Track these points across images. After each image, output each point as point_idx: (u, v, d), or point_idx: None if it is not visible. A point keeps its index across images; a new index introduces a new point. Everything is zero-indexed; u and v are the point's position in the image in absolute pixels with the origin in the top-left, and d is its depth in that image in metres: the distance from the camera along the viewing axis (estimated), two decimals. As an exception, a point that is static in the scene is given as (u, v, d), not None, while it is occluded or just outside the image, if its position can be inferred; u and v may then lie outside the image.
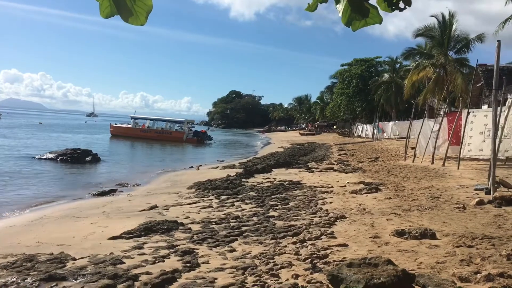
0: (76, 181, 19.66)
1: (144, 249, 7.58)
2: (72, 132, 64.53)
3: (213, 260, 6.79)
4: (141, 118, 59.70)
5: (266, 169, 20.46)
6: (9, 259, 7.32)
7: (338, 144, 44.86)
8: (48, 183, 18.45)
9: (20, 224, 10.97)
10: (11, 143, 37.75)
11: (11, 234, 9.73)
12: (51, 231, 9.76)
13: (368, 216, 9.48)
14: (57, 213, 12.28)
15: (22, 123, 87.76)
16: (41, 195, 15.46)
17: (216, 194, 13.80)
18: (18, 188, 16.61)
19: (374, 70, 68.29)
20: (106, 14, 2.51)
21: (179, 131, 56.37)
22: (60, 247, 8.07)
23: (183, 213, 10.86)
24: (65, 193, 16.02)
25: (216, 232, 8.62)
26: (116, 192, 16.15)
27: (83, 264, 6.80)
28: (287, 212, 10.50)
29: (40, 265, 6.79)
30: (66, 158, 25.76)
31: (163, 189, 16.34)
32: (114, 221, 10.44)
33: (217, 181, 16.70)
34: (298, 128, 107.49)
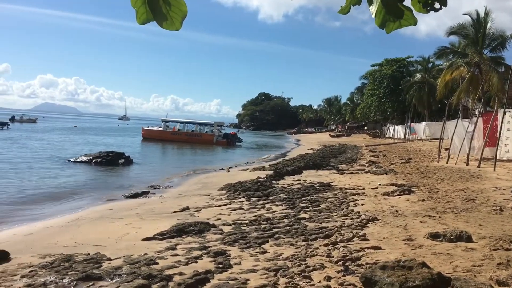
0: (109, 183, 20.08)
1: (177, 250, 7.69)
2: (105, 135, 65.96)
3: (245, 262, 6.83)
4: (172, 121, 60.46)
5: (296, 171, 20.42)
6: (48, 259, 7.55)
7: (369, 145, 44.33)
8: (83, 185, 18.92)
9: (57, 225, 11.28)
10: (47, 146, 38.88)
11: (48, 235, 10.02)
12: (87, 232, 10.01)
13: (401, 218, 9.35)
14: (92, 214, 12.58)
15: (57, 127, 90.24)
16: (76, 197, 15.86)
17: (247, 196, 13.87)
18: (53, 190, 17.09)
19: (406, 70, 67.16)
20: (142, 21, 2.57)
21: (209, 133, 56.87)
22: (96, 248, 8.27)
23: (214, 215, 10.96)
24: (99, 195, 16.38)
25: (248, 234, 8.67)
26: (148, 194, 16.42)
27: (119, 264, 6.95)
28: (318, 214, 10.46)
29: (78, 265, 6.97)
30: (100, 160, 26.35)
31: (194, 191, 16.52)
32: (147, 223, 10.63)
33: (248, 183, 16.76)
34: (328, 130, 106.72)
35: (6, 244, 8.76)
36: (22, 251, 8.38)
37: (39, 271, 6.83)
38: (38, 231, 10.60)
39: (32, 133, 58.67)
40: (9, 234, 10.40)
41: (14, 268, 7.15)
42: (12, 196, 15.43)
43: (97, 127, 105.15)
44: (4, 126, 65.90)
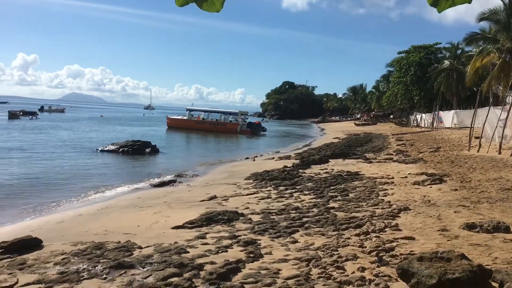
0: (137, 172, 20.28)
1: (207, 239, 7.67)
2: (130, 125, 66.73)
3: (275, 251, 6.76)
4: (196, 110, 60.69)
5: (323, 159, 20.23)
6: (80, 247, 7.63)
7: (396, 134, 43.65)
8: (111, 174, 19.16)
9: (87, 213, 11.42)
10: (75, 135, 39.56)
11: (79, 223, 10.15)
12: (116, 220, 10.10)
13: (433, 208, 9.12)
14: (121, 202, 12.71)
15: (84, 116, 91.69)
16: (105, 185, 16.05)
17: (274, 185, 13.79)
18: (83, 179, 17.34)
19: (434, 57, 65.57)
20: (181, 3, 2.47)
21: (233, 122, 56.92)
22: (126, 236, 8.33)
23: (242, 204, 10.92)
24: (128, 183, 16.54)
25: (277, 223, 8.59)
26: (175, 183, 16.51)
27: (149, 252, 6.97)
28: (347, 204, 10.31)
29: (109, 253, 7.02)
30: (127, 149, 26.64)
31: (221, 180, 16.53)
32: (175, 211, 10.67)
33: (274, 172, 16.68)
34: (353, 118, 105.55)
35: (38, 231, 8.91)
36: (54, 238, 8.49)
37: (71, 259, 6.90)
38: (69, 219, 10.74)
39: (60, 122, 59.77)
40: (41, 221, 10.58)
41: (47, 255, 7.25)
42: (43, 185, 15.73)
43: (123, 116, 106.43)
44: (33, 116, 67.32)
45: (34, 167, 19.54)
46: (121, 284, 5.64)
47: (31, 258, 7.11)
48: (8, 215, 11.31)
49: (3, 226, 10.22)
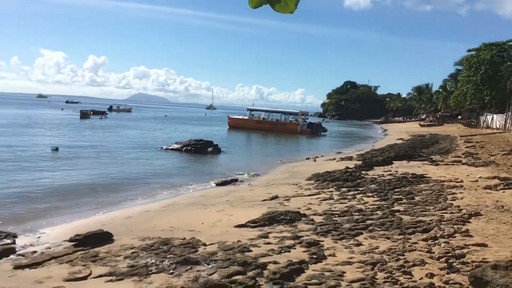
0: (200, 171, 20.74)
1: (269, 239, 7.71)
2: (193, 124, 68.34)
3: (339, 253, 6.68)
4: (257, 110, 61.10)
5: (386, 161, 19.72)
6: (147, 242, 7.92)
7: (464, 135, 41.71)
8: (176, 172, 19.72)
9: (153, 209, 11.83)
10: (141, 134, 41.08)
11: (146, 219, 10.53)
12: (181, 217, 10.38)
13: (508, 214, 8.64)
14: (185, 200, 13.05)
15: (149, 116, 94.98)
16: (169, 183, 16.53)
17: (336, 186, 13.62)
18: (148, 176, 17.97)
19: (507, 54, 62.00)
20: (255, 4, 2.50)
21: (293, 122, 56.78)
22: (191, 233, 8.54)
23: (304, 204, 10.88)
24: (191, 181, 16.94)
25: (340, 225, 8.48)
26: (237, 182, 16.72)
27: (213, 250, 7.11)
28: (413, 207, 9.99)
29: (175, 249, 7.23)
30: (190, 148, 27.32)
31: (282, 180, 16.55)
32: (238, 210, 10.80)
33: (336, 172, 16.46)
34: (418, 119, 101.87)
35: (109, 226, 9.33)
36: (124, 233, 8.87)
37: (140, 253, 7.18)
38: (137, 214, 11.17)
39: (127, 122, 62.22)
40: (110, 216, 11.08)
41: (117, 249, 7.58)
42: (112, 181, 16.44)
43: (185, 116, 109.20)
44: (103, 115, 70.53)
45: (103, 165, 20.48)
46: (188, 280, 5.80)
47: (102, 251, 7.47)
48: (81, 210, 11.91)
49: (77, 220, 10.78)
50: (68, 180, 15.95)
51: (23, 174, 16.54)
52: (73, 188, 14.64)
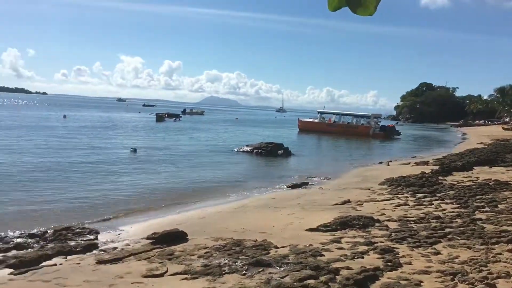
0: (270, 173, 20.84)
1: (342, 244, 7.59)
2: (263, 127, 68.86)
3: (415, 261, 6.44)
4: (328, 112, 60.42)
5: (466, 166, 18.72)
6: (220, 242, 8.09)
7: (553, 140, 38.68)
8: (246, 174, 19.97)
9: (225, 210, 12.05)
10: (213, 137, 42.04)
11: (219, 219, 10.76)
12: (253, 219, 10.49)
13: None
14: (256, 202, 13.18)
15: (221, 118, 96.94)
16: (241, 185, 16.77)
17: (411, 192, 13.14)
18: (220, 178, 18.32)
19: None
20: (334, 7, 2.47)
21: (365, 125, 55.55)
22: (263, 235, 8.60)
23: (377, 210, 10.60)
24: (262, 184, 17.08)
25: (416, 232, 8.17)
26: (308, 185, 16.63)
27: (285, 253, 7.11)
28: (497, 216, 9.41)
29: (247, 250, 7.32)
30: (260, 151, 27.56)
31: (354, 184, 16.24)
32: (309, 213, 10.74)
33: (411, 178, 15.89)
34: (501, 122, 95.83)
35: (184, 225, 9.61)
36: (197, 233, 9.11)
37: (213, 253, 7.34)
38: (210, 215, 11.43)
39: (200, 124, 63.94)
40: (185, 216, 11.42)
41: (191, 248, 7.80)
42: (185, 182, 16.94)
43: (256, 119, 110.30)
44: (177, 118, 73.02)
45: (177, 166, 21.19)
46: (260, 282, 5.84)
47: (178, 249, 7.73)
48: (158, 209, 12.37)
49: (154, 219, 11.23)
50: (146, 181, 16.64)
51: (104, 174, 17.50)
52: (150, 188, 15.26)
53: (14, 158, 19.44)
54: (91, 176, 16.77)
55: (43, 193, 13.39)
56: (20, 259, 7.24)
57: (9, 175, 15.60)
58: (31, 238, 8.77)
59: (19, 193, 13.17)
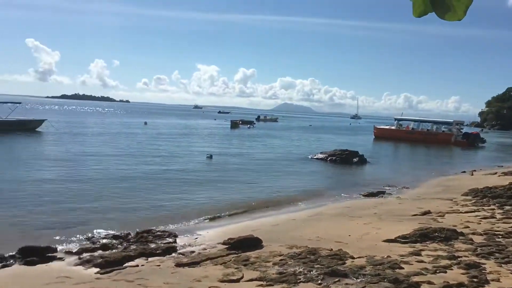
0: (345, 181, 20.49)
1: (422, 256, 7.27)
2: (337, 134, 67.91)
3: (504, 279, 6.02)
4: (405, 119, 58.38)
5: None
6: (295, 250, 8.06)
7: None
8: (320, 182, 19.80)
9: (299, 218, 12.00)
10: (286, 143, 42.10)
11: (293, 227, 10.73)
12: (327, 228, 10.35)
13: None
14: (331, 210, 13.00)
15: (294, 125, 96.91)
16: (314, 192, 16.63)
17: (498, 204, 12.33)
18: (294, 185, 18.26)
19: None
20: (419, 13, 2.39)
21: (446, 132, 53.00)
22: (338, 244, 8.46)
23: (461, 222, 10.05)
24: (336, 192, 16.83)
25: (505, 247, 7.64)
26: (384, 194, 16.15)
27: (362, 263, 6.94)
28: None
29: (322, 260, 7.23)
30: (335, 158, 27.20)
31: (434, 194, 15.55)
32: (386, 224, 10.42)
33: (498, 189, 14.90)
34: None
35: (258, 232, 9.69)
36: (272, 239, 9.15)
37: (288, 261, 7.32)
38: (284, 222, 11.44)
39: (273, 131, 64.28)
40: (259, 223, 11.52)
41: (266, 255, 7.84)
42: (258, 188, 17.08)
43: (330, 126, 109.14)
44: (251, 125, 74.04)
45: (250, 172, 21.43)
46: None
47: (253, 256, 7.80)
48: (233, 215, 12.56)
49: (229, 224, 11.43)
50: (220, 187, 16.96)
51: (181, 180, 18.09)
52: (224, 194, 15.55)
53: (100, 165, 20.64)
54: (169, 182, 17.40)
55: (125, 197, 14.10)
56: (106, 259, 7.67)
57: (96, 182, 16.52)
58: (116, 239, 9.28)
59: (104, 197, 13.96)
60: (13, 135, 32.98)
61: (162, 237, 9.37)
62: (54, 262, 7.86)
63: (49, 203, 12.44)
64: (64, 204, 12.51)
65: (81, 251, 8.40)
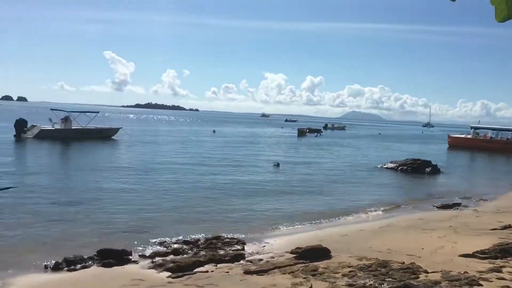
0: (417, 192, 19.73)
1: (503, 274, 6.84)
2: (408, 143, 65.63)
3: None
4: (483, 127, 55.36)
5: None
6: (365, 262, 7.86)
7: None
8: (391, 192, 19.20)
9: (368, 229, 11.70)
10: (353, 152, 41.27)
11: (362, 238, 10.48)
12: (399, 240, 10.01)
13: None
14: (402, 222, 12.55)
15: (362, 134, 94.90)
16: (384, 203, 16.12)
17: None
18: (362, 194, 17.85)
19: None
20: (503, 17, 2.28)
21: (528, 141, 49.64)
22: (410, 257, 8.16)
23: (547, 238, 9.35)
24: (407, 202, 16.25)
25: None
26: (460, 206, 15.37)
27: (436, 279, 6.64)
28: None
29: (394, 273, 6.99)
30: (406, 168, 26.27)
31: (516, 207, 14.58)
32: (462, 237, 9.91)
33: None
34: None
35: (326, 242, 9.56)
36: (340, 250, 9.00)
37: (357, 273, 7.16)
38: (352, 233, 11.21)
39: (341, 139, 63.27)
40: (327, 232, 11.35)
41: (335, 265, 7.72)
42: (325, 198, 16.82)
43: (400, 134, 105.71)
44: (318, 133, 73.45)
45: (317, 181, 21.22)
46: (409, 307, 5.53)
47: (321, 266, 7.70)
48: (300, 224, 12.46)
49: (297, 233, 11.38)
50: (288, 195, 16.90)
51: (250, 188, 18.24)
52: (291, 201, 15.51)
53: (171, 173, 21.30)
54: (236, 190, 17.59)
55: (194, 204, 14.44)
56: (177, 263, 7.90)
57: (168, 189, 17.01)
58: (186, 244, 9.53)
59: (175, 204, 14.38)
60: (91, 142, 35.03)
61: (231, 244, 9.50)
62: (129, 265, 8.21)
63: (124, 209, 13.02)
64: (138, 210, 13.04)
65: (154, 255, 8.71)
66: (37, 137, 34.38)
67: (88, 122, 40.31)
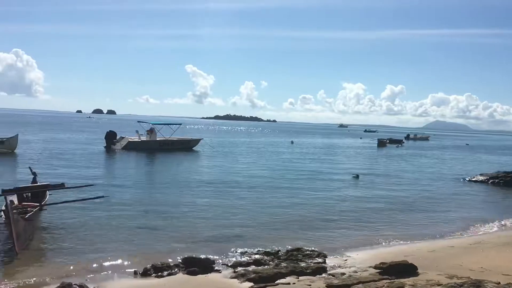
0: (508, 206, 18.37)
1: None
2: (499, 154, 61.42)
3: None
4: None
5: None
6: (455, 281, 7.42)
7: None
8: (482, 206, 18.08)
9: (458, 245, 11.06)
10: (438, 164, 39.29)
11: (451, 254, 9.93)
12: (492, 258, 9.38)
13: None
14: (496, 239, 11.74)
15: (448, 144, 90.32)
16: (475, 218, 15.18)
17: None
18: (451, 209, 16.90)
19: None
20: None
21: None
22: (506, 278, 7.61)
23: None
24: (501, 218, 15.16)
25: None
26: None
27: (539, 302, 6.11)
28: None
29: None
30: (498, 181, 24.60)
31: None
32: None
33: None
34: None
35: (412, 257, 9.14)
36: (428, 267, 8.59)
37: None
38: (440, 249, 10.64)
39: (424, 150, 60.50)
40: (413, 248, 10.88)
41: (423, 283, 7.36)
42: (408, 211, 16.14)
43: (490, 145, 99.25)
44: (399, 144, 70.89)
45: (397, 192, 20.44)
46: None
47: (408, 283, 7.38)
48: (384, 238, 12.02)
49: (380, 247, 11.02)
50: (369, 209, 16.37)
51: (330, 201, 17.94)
52: (374, 216, 15.04)
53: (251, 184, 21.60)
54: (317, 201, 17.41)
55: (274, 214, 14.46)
56: (259, 274, 7.94)
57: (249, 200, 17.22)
58: (267, 255, 9.56)
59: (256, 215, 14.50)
60: (174, 153, 36.41)
61: (312, 257, 9.40)
62: (212, 274, 8.38)
63: (206, 220, 13.30)
64: (221, 220, 13.31)
65: (236, 265, 8.83)
66: (125, 148, 36.46)
67: (172, 133, 42.08)
